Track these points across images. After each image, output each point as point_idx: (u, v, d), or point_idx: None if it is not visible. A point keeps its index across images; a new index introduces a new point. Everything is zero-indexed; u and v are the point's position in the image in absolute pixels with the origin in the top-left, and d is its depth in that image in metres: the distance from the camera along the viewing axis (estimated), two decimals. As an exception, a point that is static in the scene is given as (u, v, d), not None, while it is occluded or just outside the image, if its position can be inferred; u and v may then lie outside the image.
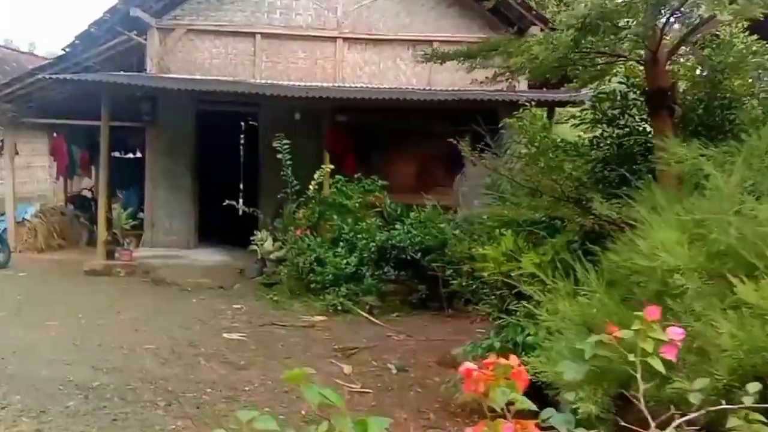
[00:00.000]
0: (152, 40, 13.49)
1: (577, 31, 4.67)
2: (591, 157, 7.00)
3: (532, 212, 5.84)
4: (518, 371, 1.89)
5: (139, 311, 9.30)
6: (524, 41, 5.57)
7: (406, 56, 14.18)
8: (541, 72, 5.52)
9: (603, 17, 4.60)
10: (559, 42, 4.62)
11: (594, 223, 5.33)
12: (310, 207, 11.13)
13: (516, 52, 5.57)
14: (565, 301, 3.68)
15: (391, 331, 8.91)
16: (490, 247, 6.69)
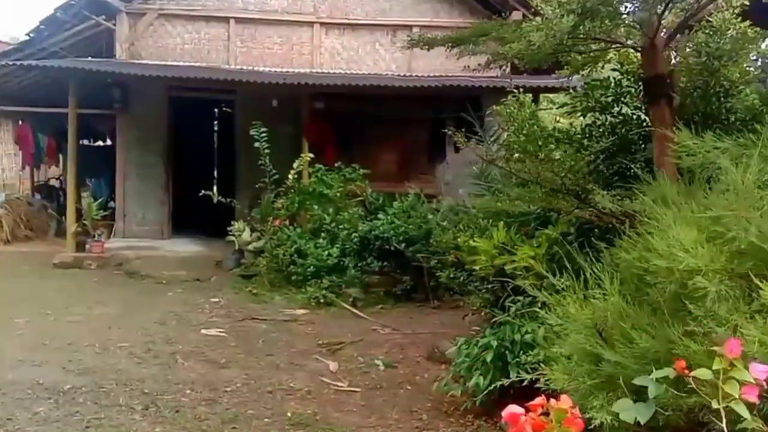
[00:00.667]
0: (121, 25, 13.06)
1: (577, 16, 4.41)
2: (584, 146, 6.80)
3: (526, 204, 5.58)
4: (573, 416, 1.63)
5: (112, 306, 8.95)
6: (520, 27, 5.30)
7: (385, 41, 13.91)
8: (536, 59, 5.26)
9: (604, 2, 4.35)
10: (559, 28, 4.37)
11: (592, 215, 5.10)
12: (290, 197, 10.81)
13: (511, 38, 5.30)
14: (576, 303, 3.41)
15: (376, 325, 8.65)
16: (482, 240, 6.46)
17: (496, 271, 6.37)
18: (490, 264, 6.37)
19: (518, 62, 5.66)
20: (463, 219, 10.89)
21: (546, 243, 5.88)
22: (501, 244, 6.35)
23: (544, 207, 5.52)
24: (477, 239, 6.66)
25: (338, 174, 11.11)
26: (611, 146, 6.59)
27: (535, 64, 5.54)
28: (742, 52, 6.10)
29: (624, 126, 6.57)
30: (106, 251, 11.83)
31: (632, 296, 3.42)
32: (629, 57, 6.27)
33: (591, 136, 6.82)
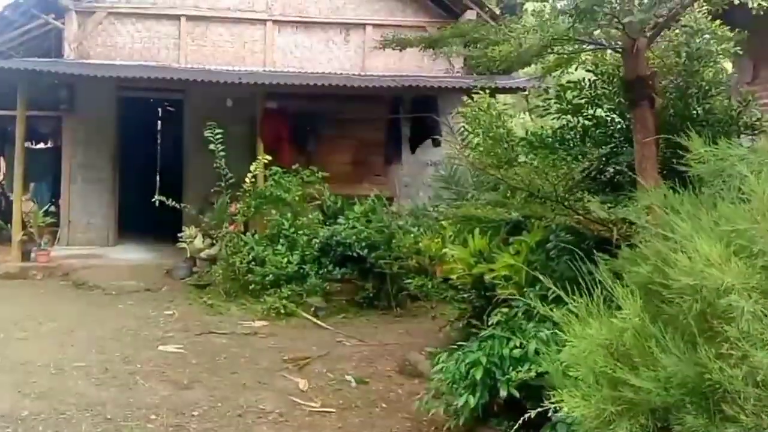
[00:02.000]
0: (70, 24, 12.47)
1: (571, 17, 4.19)
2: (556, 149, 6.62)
3: (505, 211, 5.35)
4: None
5: (62, 321, 8.46)
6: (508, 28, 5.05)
7: (338, 40, 13.60)
8: (520, 61, 5.03)
9: (599, 3, 4.13)
10: (555, 30, 4.13)
11: (578, 222, 4.89)
12: (246, 201, 10.40)
13: (495, 39, 5.05)
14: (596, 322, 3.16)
15: (340, 336, 8.35)
16: (458, 247, 6.22)
17: (474, 280, 6.16)
18: (467, 273, 6.15)
19: (497, 64, 5.38)
20: (424, 223, 10.75)
21: (526, 251, 5.67)
22: (478, 252, 6.13)
23: (525, 214, 5.27)
24: (452, 246, 6.43)
25: (296, 177, 10.74)
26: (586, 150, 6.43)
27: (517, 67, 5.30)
28: (720, 52, 6.00)
29: (598, 129, 6.42)
30: (52, 260, 11.24)
31: (650, 315, 3.19)
32: (604, 58, 6.10)
33: (563, 139, 6.66)
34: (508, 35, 4.84)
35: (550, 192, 4.52)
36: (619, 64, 5.83)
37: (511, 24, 5.14)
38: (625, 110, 6.05)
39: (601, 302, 3.35)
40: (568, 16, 4.14)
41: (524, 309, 5.24)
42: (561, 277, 5.40)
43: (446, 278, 10.39)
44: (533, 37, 4.19)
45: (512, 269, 5.62)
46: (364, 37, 13.55)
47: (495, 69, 5.74)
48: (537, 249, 5.73)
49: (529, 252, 5.68)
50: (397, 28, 13.46)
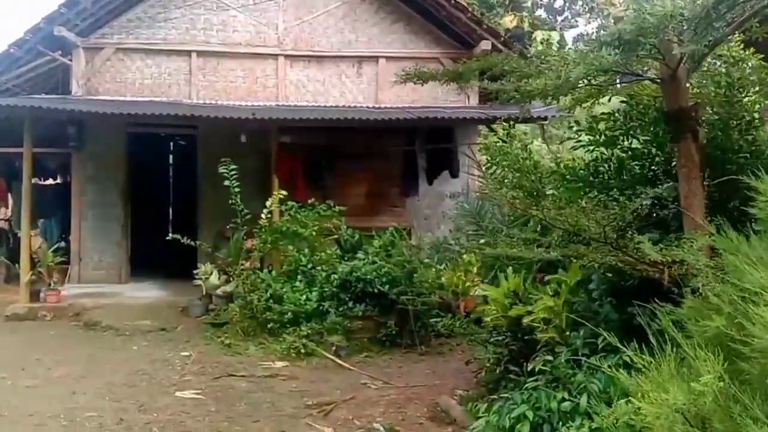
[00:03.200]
0: (78, 61, 12.38)
1: (615, 48, 3.96)
2: (590, 183, 6.37)
3: (542, 250, 5.07)
4: None
5: (73, 365, 8.17)
6: (545, 60, 4.82)
7: (351, 73, 13.46)
8: (557, 93, 4.79)
9: (644, 33, 3.90)
10: (601, 62, 3.89)
11: (625, 263, 4.61)
12: (262, 236, 10.15)
13: (528, 72, 4.81)
14: (672, 384, 2.88)
15: (364, 377, 8.04)
16: (491, 288, 5.94)
17: (509, 322, 5.87)
18: (501, 314, 5.86)
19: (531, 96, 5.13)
20: (446, 256, 10.47)
21: (566, 292, 5.38)
22: (512, 293, 5.86)
23: (565, 254, 4.99)
24: (486, 286, 6.15)
25: (312, 211, 10.50)
26: (622, 184, 6.17)
27: (554, 99, 5.05)
28: (759, 82, 5.77)
29: (634, 161, 6.17)
30: (63, 300, 10.98)
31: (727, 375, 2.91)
32: (639, 88, 5.86)
33: (597, 172, 6.41)
34: (544, 68, 4.60)
35: (598, 233, 4.23)
36: (654, 94, 5.61)
37: (547, 57, 4.90)
38: (662, 142, 5.82)
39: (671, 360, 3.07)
40: (611, 47, 3.90)
41: (569, 356, 4.96)
42: (606, 320, 5.14)
43: (469, 314, 10.20)
44: (577, 70, 3.93)
45: (552, 311, 5.34)
46: (377, 70, 13.41)
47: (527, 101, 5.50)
48: (578, 289, 5.46)
49: (569, 293, 5.40)
50: (411, 60, 13.45)
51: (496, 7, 23.66)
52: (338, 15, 13.25)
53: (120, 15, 12.58)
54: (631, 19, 3.83)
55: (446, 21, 13.22)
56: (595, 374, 4.40)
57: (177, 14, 12.71)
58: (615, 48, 4.01)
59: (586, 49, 3.98)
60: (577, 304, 5.43)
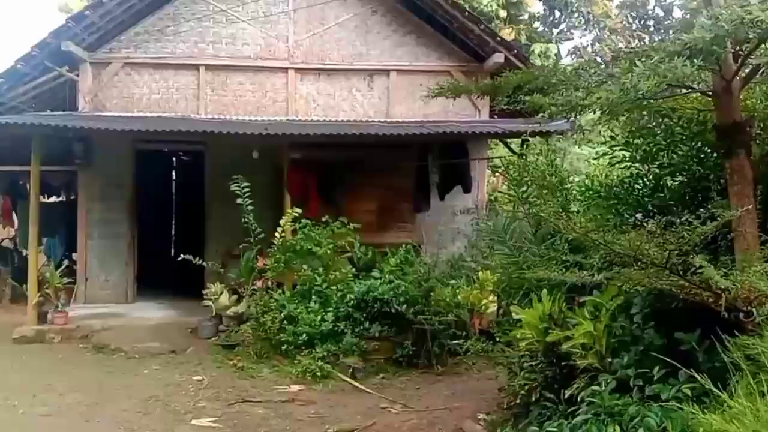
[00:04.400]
0: (85, 76, 12.17)
1: (687, 59, 3.70)
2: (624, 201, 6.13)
3: (587, 273, 4.81)
4: None
5: (85, 391, 7.90)
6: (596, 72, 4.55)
7: (362, 87, 13.24)
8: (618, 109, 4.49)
9: (718, 42, 3.64)
10: (674, 73, 3.63)
11: (672, 286, 4.35)
12: (275, 255, 9.89)
13: (581, 85, 4.55)
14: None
15: (383, 401, 7.78)
16: (526, 311, 5.68)
17: (545, 347, 5.61)
18: (536, 339, 5.60)
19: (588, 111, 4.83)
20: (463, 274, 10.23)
21: (607, 316, 5.12)
22: (548, 316, 5.60)
23: (612, 278, 4.72)
24: (517, 309, 5.89)
25: (326, 229, 10.25)
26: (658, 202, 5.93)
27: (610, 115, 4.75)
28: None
29: (673, 177, 5.92)
30: (70, 321, 10.70)
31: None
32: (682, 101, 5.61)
33: (632, 188, 6.17)
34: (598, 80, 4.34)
35: (661, 257, 3.96)
36: (700, 107, 5.37)
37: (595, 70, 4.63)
38: (704, 158, 5.58)
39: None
40: (683, 57, 3.65)
41: (614, 384, 4.69)
42: (649, 346, 4.88)
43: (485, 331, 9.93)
44: (648, 83, 3.67)
45: (591, 336, 5.08)
46: (388, 83, 13.20)
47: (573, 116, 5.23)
48: (617, 314, 5.20)
49: (615, 317, 5.14)
50: (422, 73, 13.26)
51: (495, 20, 23.56)
52: (349, 27, 13.03)
53: (128, 29, 12.36)
54: (708, 26, 3.57)
55: (458, 33, 13.00)
56: (648, 406, 4.13)
57: (186, 27, 12.50)
58: (687, 58, 3.73)
59: (655, 59, 3.70)
60: (616, 328, 5.18)
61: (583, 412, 4.53)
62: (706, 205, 5.35)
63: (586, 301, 5.50)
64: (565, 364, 5.39)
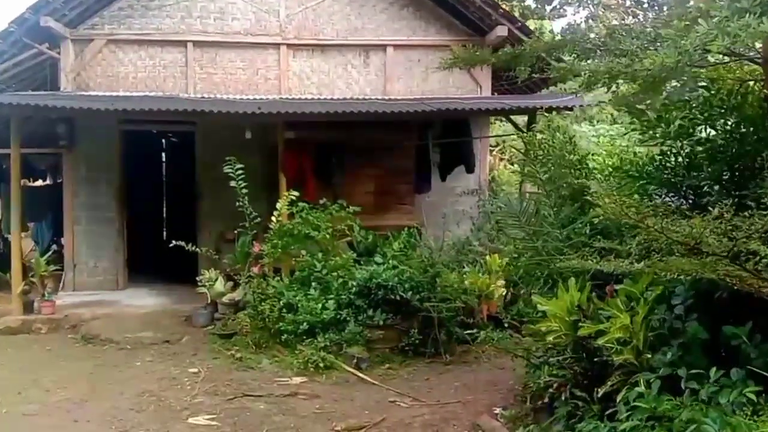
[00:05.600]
0: (66, 54, 11.59)
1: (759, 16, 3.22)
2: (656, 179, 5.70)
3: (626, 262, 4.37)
4: None
5: (73, 387, 7.45)
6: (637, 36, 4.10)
7: (357, 63, 12.73)
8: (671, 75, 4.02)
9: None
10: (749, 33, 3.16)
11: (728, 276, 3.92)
12: (272, 240, 9.42)
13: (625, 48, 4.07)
14: None
15: (391, 393, 7.36)
16: (552, 301, 5.25)
17: (574, 341, 5.19)
18: (563, 332, 5.18)
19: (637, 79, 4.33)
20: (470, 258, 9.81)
21: (645, 308, 4.70)
22: (576, 308, 5.17)
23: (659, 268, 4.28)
24: (541, 299, 5.46)
25: (324, 212, 9.79)
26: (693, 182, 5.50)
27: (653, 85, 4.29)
28: None
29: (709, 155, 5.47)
30: (58, 311, 10.22)
31: None
32: (724, 71, 5.15)
33: (664, 167, 5.73)
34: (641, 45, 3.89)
35: (723, 246, 3.53)
36: (743, 77, 4.93)
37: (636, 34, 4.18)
38: (745, 133, 5.14)
39: None
40: (753, 15, 3.18)
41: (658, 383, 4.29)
42: (693, 340, 4.48)
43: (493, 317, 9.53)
44: (716, 43, 3.21)
45: (628, 331, 4.66)
46: (384, 59, 12.69)
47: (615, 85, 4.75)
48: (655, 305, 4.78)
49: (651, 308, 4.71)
50: (420, 48, 12.76)
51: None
52: (344, 0, 12.48)
53: (111, 3, 11.77)
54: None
55: (458, 5, 12.48)
56: (702, 409, 3.73)
57: (171, 1, 11.93)
58: (759, 15, 3.25)
59: (719, 16, 3.24)
60: (654, 321, 4.77)
61: (626, 415, 4.11)
62: (748, 186, 4.95)
63: (617, 290, 5.09)
64: (597, 360, 4.98)
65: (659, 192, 5.77)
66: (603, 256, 4.70)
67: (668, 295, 4.76)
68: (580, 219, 6.16)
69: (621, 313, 4.68)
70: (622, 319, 4.60)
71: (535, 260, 6.23)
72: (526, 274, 6.63)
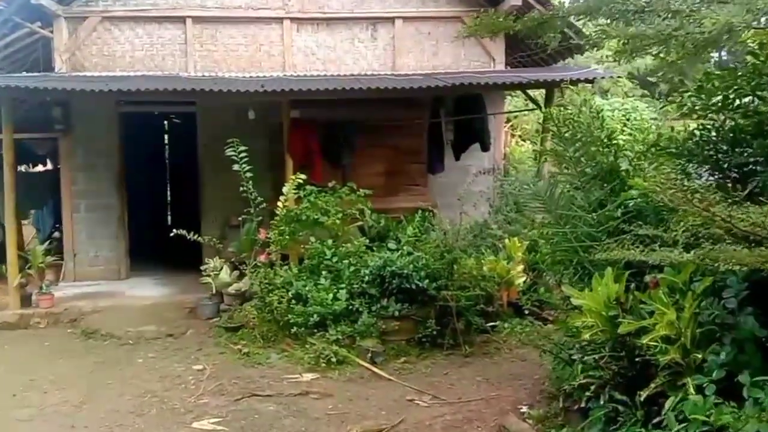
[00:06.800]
0: (60, 33, 11.03)
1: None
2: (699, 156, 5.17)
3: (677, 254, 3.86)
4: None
5: (72, 387, 7.01)
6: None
7: (364, 37, 12.12)
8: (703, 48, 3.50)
9: None
10: None
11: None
12: (279, 227, 8.92)
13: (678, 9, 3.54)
14: None
15: (408, 390, 6.89)
16: (587, 294, 4.74)
17: (613, 338, 4.69)
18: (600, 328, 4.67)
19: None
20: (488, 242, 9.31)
21: (693, 303, 4.19)
22: (615, 301, 4.66)
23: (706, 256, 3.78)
24: (576, 292, 4.95)
25: (333, 196, 9.28)
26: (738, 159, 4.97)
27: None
28: None
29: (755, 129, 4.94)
30: (57, 303, 9.77)
31: None
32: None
33: (705, 143, 5.19)
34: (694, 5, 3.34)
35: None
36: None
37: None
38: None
39: None
40: None
41: (712, 388, 3.80)
42: (748, 337, 3.97)
43: (513, 304, 9.05)
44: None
45: (675, 327, 4.15)
46: (393, 33, 12.08)
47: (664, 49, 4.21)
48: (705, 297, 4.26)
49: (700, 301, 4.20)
50: (430, 20, 12.16)
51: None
52: (350, -29, 11.89)
53: (105, -21, 11.23)
54: None
55: (469, -25, 11.87)
56: None
57: (168, -25, 11.36)
58: None
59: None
60: (702, 315, 4.26)
61: (678, 429, 3.61)
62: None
63: (659, 280, 4.57)
64: (638, 360, 4.48)
65: (698, 171, 5.26)
66: (644, 244, 4.18)
67: (718, 287, 4.24)
68: (611, 201, 5.66)
69: (666, 307, 4.17)
70: (669, 315, 4.09)
71: (564, 247, 5.73)
72: (553, 262, 6.11)
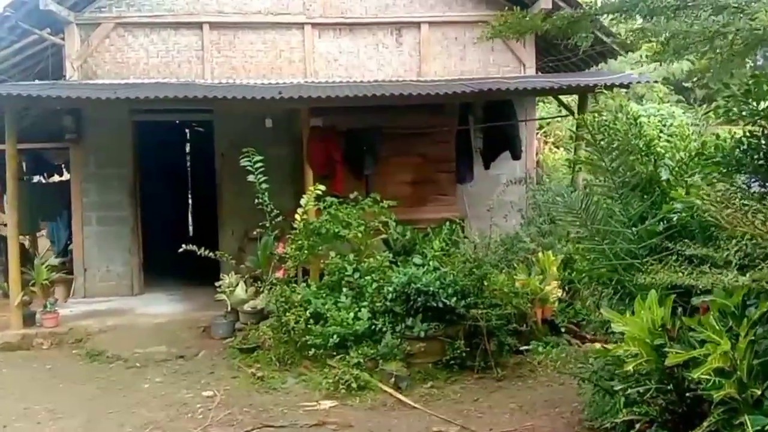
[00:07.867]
0: (71, 39, 10.64)
1: None
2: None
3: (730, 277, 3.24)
4: None
5: (70, 417, 6.45)
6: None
7: (389, 42, 11.60)
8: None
9: None
10: None
11: None
12: (297, 241, 8.36)
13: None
14: None
15: (436, 420, 6.25)
16: (630, 319, 4.09)
17: (660, 369, 4.03)
18: (645, 358, 4.02)
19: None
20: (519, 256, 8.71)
21: (749, 330, 3.54)
22: (660, 328, 4.01)
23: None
24: (618, 316, 4.30)
25: (355, 208, 8.70)
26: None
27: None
28: None
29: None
30: (62, 322, 9.25)
31: None
32: None
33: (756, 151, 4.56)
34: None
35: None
36: None
37: None
38: None
39: None
40: None
41: None
42: None
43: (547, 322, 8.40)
44: None
45: (729, 359, 3.51)
46: (419, 38, 11.55)
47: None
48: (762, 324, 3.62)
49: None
50: (457, 25, 11.62)
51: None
52: (372, -26, 11.38)
53: (118, -16, 10.80)
54: None
55: (497, -23, 11.29)
56: None
57: (184, -20, 10.92)
58: None
59: None
60: (758, 344, 3.63)
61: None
62: None
63: (710, 303, 3.92)
64: (689, 395, 3.84)
65: (746, 182, 4.64)
66: (692, 264, 3.57)
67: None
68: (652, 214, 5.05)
69: (719, 336, 3.53)
70: (723, 346, 3.46)
71: (602, 264, 5.11)
72: (591, 280, 5.49)
